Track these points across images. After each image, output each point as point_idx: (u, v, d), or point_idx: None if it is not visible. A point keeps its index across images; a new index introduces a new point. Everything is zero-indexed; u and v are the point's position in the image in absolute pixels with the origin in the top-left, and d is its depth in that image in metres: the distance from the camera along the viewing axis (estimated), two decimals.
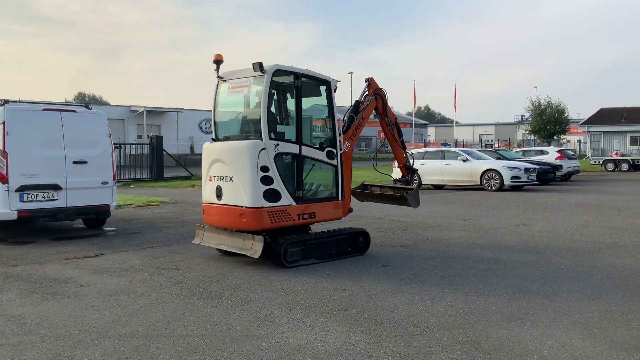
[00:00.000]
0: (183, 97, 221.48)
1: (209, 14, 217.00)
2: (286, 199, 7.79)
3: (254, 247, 7.62)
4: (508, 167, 20.87)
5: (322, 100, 8.61)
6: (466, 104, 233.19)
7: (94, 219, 11.56)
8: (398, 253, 8.85)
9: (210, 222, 8.38)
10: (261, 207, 7.54)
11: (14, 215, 9.90)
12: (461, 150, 23.27)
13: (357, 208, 15.23)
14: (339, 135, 8.53)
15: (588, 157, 45.66)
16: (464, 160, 21.50)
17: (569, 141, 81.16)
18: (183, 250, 9.19)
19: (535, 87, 76.27)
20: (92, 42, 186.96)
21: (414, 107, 79.32)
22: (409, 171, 10.07)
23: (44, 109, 10.56)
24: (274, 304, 6.00)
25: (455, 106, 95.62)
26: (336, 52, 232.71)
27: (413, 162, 10.25)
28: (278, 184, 7.69)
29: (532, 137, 58.14)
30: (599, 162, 38.57)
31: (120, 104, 58.23)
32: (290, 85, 8.12)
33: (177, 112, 58.08)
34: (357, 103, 9.29)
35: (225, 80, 8.40)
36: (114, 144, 12.26)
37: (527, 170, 20.84)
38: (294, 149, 7.93)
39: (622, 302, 5.99)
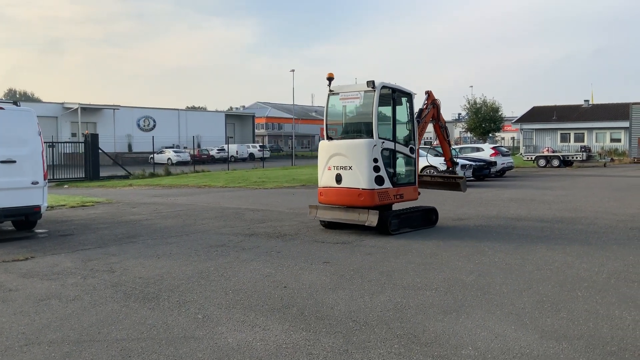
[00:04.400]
0: (120, 94, 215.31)
1: (147, 9, 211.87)
2: (387, 183, 10.18)
3: (370, 218, 9.97)
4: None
5: (403, 108, 10.88)
6: None
7: (23, 221, 11.09)
8: (339, 249, 8.90)
9: (327, 202, 10.65)
10: (373, 189, 9.94)
11: None
12: None
13: (303, 206, 15.28)
14: (416, 135, 11.03)
15: (521, 154, 47.37)
16: None
17: (503, 138, 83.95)
18: (118, 251, 8.92)
19: (472, 86, 78.47)
20: (23, 36, 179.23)
21: None
22: (453, 164, 13.11)
23: None
24: (213, 304, 5.91)
25: None
26: (279, 49, 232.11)
27: (457, 156, 13.33)
28: (383, 172, 10.07)
29: (469, 134, 59.84)
30: (532, 158, 40.03)
31: (54, 101, 55.98)
32: (386, 96, 10.42)
33: (114, 109, 56.52)
34: (420, 110, 11.66)
35: (335, 93, 10.73)
36: (46, 142, 11.78)
37: (463, 166, 21.41)
38: (391, 145, 10.37)
39: (552, 293, 6.24)
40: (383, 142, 10.11)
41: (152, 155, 41.35)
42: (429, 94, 12.02)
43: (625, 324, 5.15)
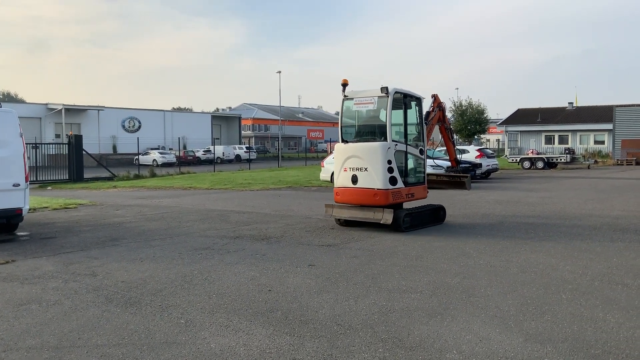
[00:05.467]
0: (105, 95, 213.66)
1: (132, 9, 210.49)
2: (400, 183, 10.77)
3: (385, 216, 10.59)
4: (431, 165, 21.41)
5: (413, 111, 11.42)
6: None
7: (5, 224, 10.90)
8: (325, 252, 8.85)
9: (343, 201, 11.16)
10: (387, 189, 10.50)
11: None
12: None
13: (286, 208, 15.22)
14: (425, 137, 11.66)
15: (506, 156, 47.65)
16: None
17: (488, 140, 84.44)
18: (101, 255, 8.80)
19: (457, 89, 78.54)
20: (7, 36, 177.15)
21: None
22: (458, 163, 13.94)
23: None
24: (196, 309, 5.84)
25: None
26: (265, 50, 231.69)
27: (461, 157, 14.62)
28: (396, 173, 10.64)
29: (455, 136, 60.16)
30: (516, 160, 40.28)
31: (37, 102, 55.35)
32: (398, 101, 10.93)
33: (99, 110, 56.03)
34: (428, 113, 12.29)
35: (349, 98, 11.25)
36: (30, 143, 11.61)
37: (448, 168, 21.45)
38: (403, 147, 10.95)
39: (537, 295, 6.24)
40: (396, 144, 10.71)
41: (137, 157, 41.02)
42: (435, 97, 12.63)
43: (609, 327, 5.16)
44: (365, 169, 10.67)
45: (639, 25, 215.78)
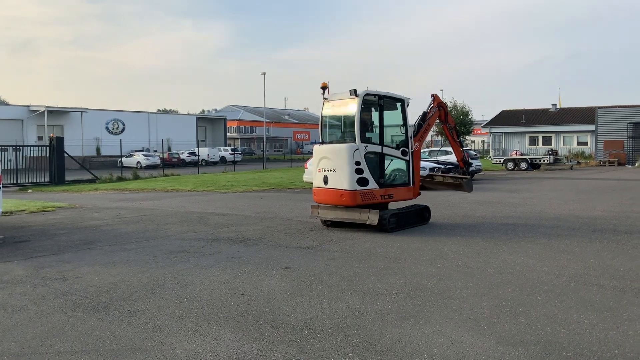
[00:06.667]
0: (89, 97, 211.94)
1: (116, 10, 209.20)
2: (372, 184, 10.73)
3: (371, 217, 10.70)
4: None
5: (397, 113, 11.47)
6: None
7: None
8: (302, 254, 8.75)
9: (318, 201, 11.32)
10: (355, 190, 10.51)
11: None
12: None
13: (270, 210, 15.10)
14: (411, 138, 11.47)
15: (490, 157, 47.86)
16: None
17: (473, 142, 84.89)
18: (73, 259, 8.62)
19: (442, 90, 78.50)
20: None
21: None
22: (465, 164, 13.41)
23: None
24: (165, 314, 5.71)
25: None
26: (249, 52, 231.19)
27: (468, 157, 14.09)
28: (367, 174, 10.62)
29: (440, 138, 60.32)
30: (500, 161, 40.46)
31: (20, 104, 54.67)
32: (373, 103, 11.09)
33: (82, 112, 55.51)
34: (425, 113, 12.37)
35: (328, 101, 11.39)
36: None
37: (432, 169, 21.48)
38: (378, 149, 10.89)
39: (512, 297, 6.19)
40: (366, 146, 10.66)
41: (120, 159, 40.62)
42: (434, 97, 12.61)
43: (582, 329, 5.12)
44: (334, 170, 10.79)
45: (622, 28, 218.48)
